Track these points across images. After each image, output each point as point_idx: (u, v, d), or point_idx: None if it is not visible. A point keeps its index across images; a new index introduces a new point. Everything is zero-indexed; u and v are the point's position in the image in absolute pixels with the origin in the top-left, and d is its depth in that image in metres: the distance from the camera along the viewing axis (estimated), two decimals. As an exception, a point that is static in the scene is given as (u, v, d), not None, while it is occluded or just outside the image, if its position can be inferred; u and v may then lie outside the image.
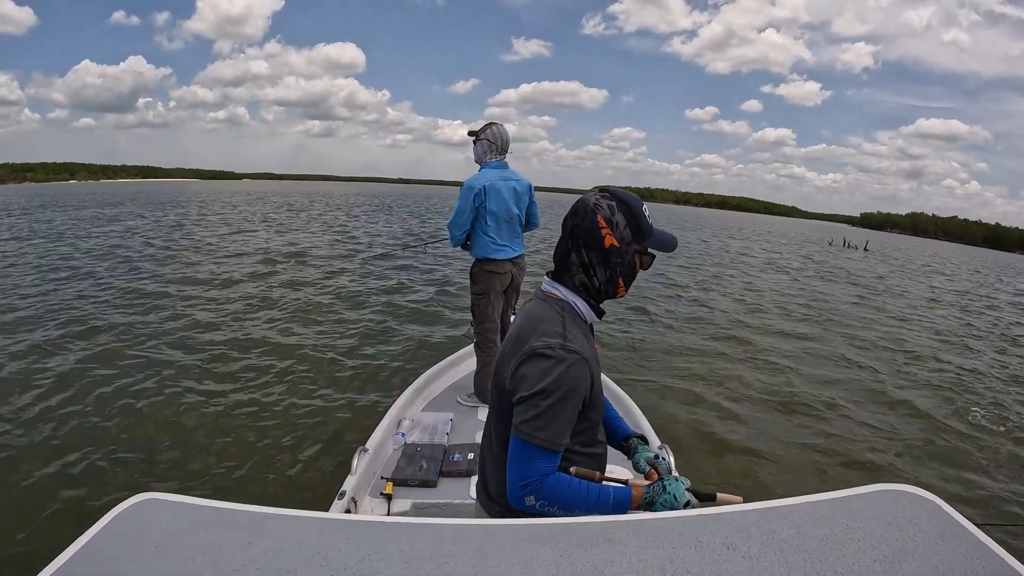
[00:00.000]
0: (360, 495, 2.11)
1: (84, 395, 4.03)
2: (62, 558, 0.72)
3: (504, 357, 1.14)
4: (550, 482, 1.04)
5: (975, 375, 6.22)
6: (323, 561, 0.73)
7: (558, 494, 1.04)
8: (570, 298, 1.14)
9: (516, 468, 1.06)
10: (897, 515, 0.81)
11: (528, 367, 1.05)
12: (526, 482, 1.04)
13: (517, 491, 1.05)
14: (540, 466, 1.04)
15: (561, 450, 1.06)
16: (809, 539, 0.77)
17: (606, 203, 1.12)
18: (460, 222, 2.97)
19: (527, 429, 1.04)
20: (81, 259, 10.02)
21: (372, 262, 10.96)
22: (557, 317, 1.10)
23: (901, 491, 0.86)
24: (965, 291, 15.79)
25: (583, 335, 1.12)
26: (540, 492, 1.04)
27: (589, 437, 1.18)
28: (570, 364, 1.03)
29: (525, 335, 1.10)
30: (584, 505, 1.05)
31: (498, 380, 1.16)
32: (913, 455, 3.93)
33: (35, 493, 2.86)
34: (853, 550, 0.74)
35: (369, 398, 4.23)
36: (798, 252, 24.27)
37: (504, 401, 1.12)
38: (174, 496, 0.87)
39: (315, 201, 37.50)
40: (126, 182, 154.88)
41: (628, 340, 6.35)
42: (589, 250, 1.12)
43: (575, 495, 1.05)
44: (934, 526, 0.78)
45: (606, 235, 1.11)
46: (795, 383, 5.26)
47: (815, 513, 0.83)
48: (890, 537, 0.76)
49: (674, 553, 0.75)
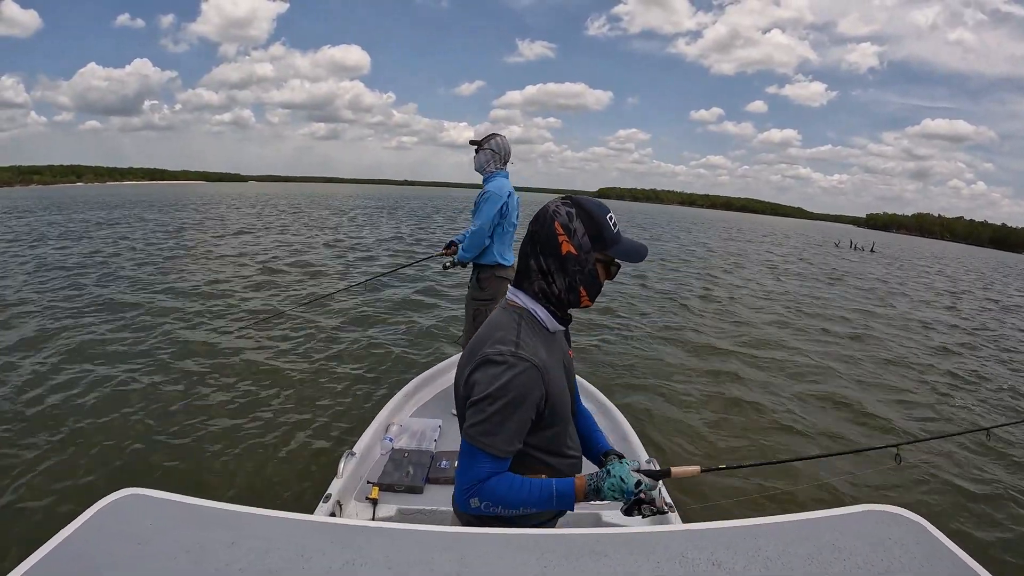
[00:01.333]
0: (346, 499, 2.09)
1: (70, 391, 3.99)
2: (39, 554, 0.71)
3: (461, 364, 1.15)
4: (491, 483, 1.04)
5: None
6: (306, 564, 0.73)
7: (500, 494, 1.04)
8: (530, 305, 1.13)
9: (461, 471, 1.07)
10: (883, 535, 0.81)
11: (479, 373, 1.05)
12: (469, 485, 1.05)
13: (462, 494, 1.06)
14: (483, 469, 1.04)
15: (507, 456, 1.06)
16: (794, 557, 0.77)
17: (565, 210, 1.10)
18: (487, 231, 2.96)
19: (473, 433, 1.04)
20: (78, 259, 9.97)
21: (362, 267, 10.95)
22: (513, 325, 1.09)
23: (887, 512, 0.87)
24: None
25: (541, 343, 1.11)
26: (482, 494, 1.04)
27: (555, 445, 1.17)
28: (519, 371, 1.03)
29: (480, 342, 1.10)
30: (527, 501, 1.05)
31: (457, 388, 1.16)
32: (906, 475, 3.92)
33: (14, 489, 2.81)
34: (839, 570, 0.74)
35: (357, 402, 4.20)
36: (816, 256, 23.96)
37: (461, 408, 1.13)
38: (157, 492, 0.85)
39: (320, 204, 37.43)
40: (133, 184, 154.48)
41: (615, 351, 6.35)
42: (547, 256, 1.10)
43: (517, 492, 1.05)
44: (920, 548, 0.79)
45: (563, 242, 1.09)
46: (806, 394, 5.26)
47: (801, 531, 0.83)
48: (875, 557, 0.77)
49: (659, 568, 0.75)
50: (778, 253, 23.92)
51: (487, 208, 2.93)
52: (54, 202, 31.97)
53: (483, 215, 2.93)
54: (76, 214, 22.22)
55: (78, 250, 10.91)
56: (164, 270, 9.30)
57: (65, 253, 10.88)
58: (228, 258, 10.98)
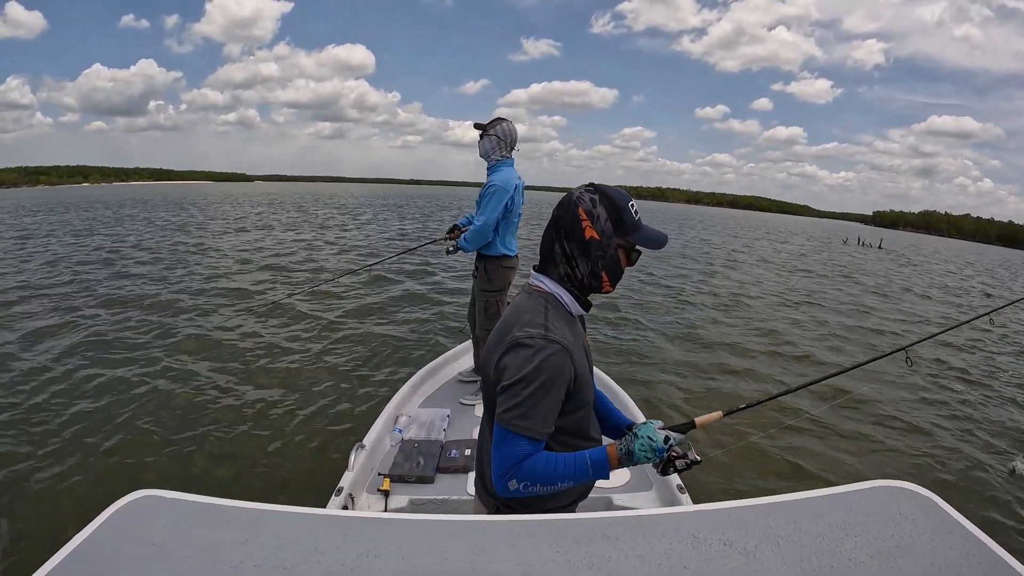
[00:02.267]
0: (357, 491, 2.11)
1: (80, 392, 4.02)
2: (59, 556, 0.72)
3: (490, 349, 1.17)
4: (528, 463, 1.06)
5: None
6: (320, 557, 0.73)
7: (537, 473, 1.05)
8: (555, 290, 1.16)
9: (498, 456, 1.08)
10: (894, 511, 0.81)
11: (510, 357, 1.07)
12: (506, 468, 1.06)
13: (499, 479, 1.07)
14: (520, 451, 1.05)
15: (543, 438, 1.08)
16: (805, 535, 0.77)
17: (589, 196, 1.14)
18: (494, 224, 2.89)
19: (508, 418, 1.05)
20: (86, 256, 10.01)
21: (366, 259, 10.95)
22: (540, 309, 1.12)
23: (898, 487, 0.87)
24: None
25: (567, 326, 1.14)
26: (520, 475, 1.05)
27: (581, 428, 1.20)
28: (550, 353, 1.05)
29: (508, 327, 1.12)
30: (564, 475, 1.06)
31: (485, 373, 1.18)
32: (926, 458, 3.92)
33: (32, 491, 2.85)
34: (850, 546, 0.75)
35: (366, 394, 4.22)
36: (831, 258, 22.85)
37: (491, 394, 1.14)
38: (171, 493, 0.86)
39: (327, 203, 37.26)
40: (140, 184, 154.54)
41: (627, 342, 6.36)
42: (571, 241, 1.14)
43: (554, 468, 1.06)
44: (931, 522, 0.79)
45: (586, 227, 1.12)
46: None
47: (812, 509, 0.83)
48: (886, 533, 0.77)
49: (671, 549, 0.75)
50: (791, 251, 22.80)
51: (493, 203, 2.84)
52: (61, 202, 32.13)
53: (489, 211, 2.85)
54: (83, 212, 22.57)
55: (90, 246, 10.92)
56: (170, 267, 9.34)
57: (77, 249, 11.04)
58: (235, 255, 10.98)
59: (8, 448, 3.24)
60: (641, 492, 2.19)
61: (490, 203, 2.85)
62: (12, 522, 2.58)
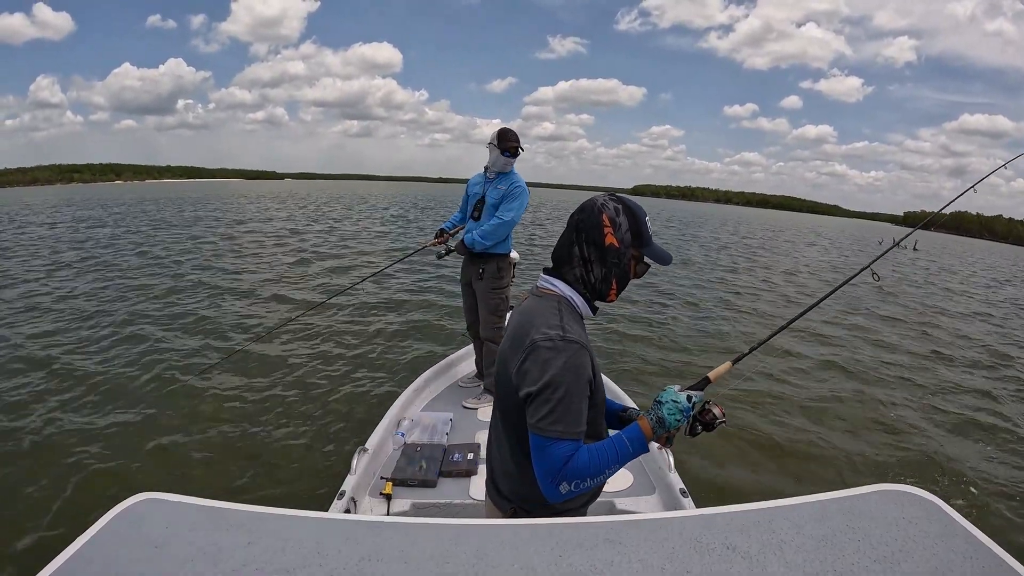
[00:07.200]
0: (360, 495, 2.11)
1: (83, 394, 4.03)
2: (61, 558, 0.72)
3: (506, 355, 1.16)
4: (572, 463, 1.05)
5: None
6: (323, 561, 0.73)
7: (582, 468, 1.05)
8: (567, 293, 1.18)
9: (541, 464, 1.07)
10: (897, 515, 0.81)
11: (531, 362, 1.07)
12: (554, 473, 1.05)
13: (549, 486, 1.06)
14: (563, 454, 1.05)
15: (580, 437, 1.08)
16: (809, 539, 0.77)
17: (612, 204, 1.17)
18: (515, 224, 3.00)
19: (544, 425, 1.05)
20: (101, 253, 10.03)
21: (372, 263, 10.96)
22: (554, 311, 1.13)
23: (901, 491, 0.86)
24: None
25: (580, 327, 1.15)
26: (568, 475, 1.05)
27: (596, 429, 1.20)
28: (571, 354, 1.06)
29: (524, 331, 1.12)
30: (609, 462, 1.06)
31: (502, 379, 1.18)
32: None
33: (33, 494, 2.85)
34: (853, 550, 0.74)
35: (368, 398, 4.22)
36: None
37: (509, 399, 1.13)
38: (173, 496, 0.86)
39: (359, 200, 37.29)
40: (172, 182, 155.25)
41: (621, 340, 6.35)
42: (590, 245, 1.16)
43: (597, 459, 1.06)
44: (934, 526, 0.78)
45: (608, 233, 1.15)
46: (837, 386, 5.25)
47: (815, 513, 0.83)
48: (889, 537, 0.76)
49: (673, 553, 0.75)
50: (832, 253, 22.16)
51: (520, 202, 2.95)
52: (99, 200, 32.43)
53: (516, 209, 2.95)
54: (118, 207, 23.69)
55: (139, 244, 10.94)
56: (174, 265, 9.37)
57: (125, 245, 11.36)
58: (242, 257, 10.98)
59: (7, 451, 3.24)
60: (644, 496, 2.19)
61: (517, 201, 2.95)
62: (12, 525, 2.57)
